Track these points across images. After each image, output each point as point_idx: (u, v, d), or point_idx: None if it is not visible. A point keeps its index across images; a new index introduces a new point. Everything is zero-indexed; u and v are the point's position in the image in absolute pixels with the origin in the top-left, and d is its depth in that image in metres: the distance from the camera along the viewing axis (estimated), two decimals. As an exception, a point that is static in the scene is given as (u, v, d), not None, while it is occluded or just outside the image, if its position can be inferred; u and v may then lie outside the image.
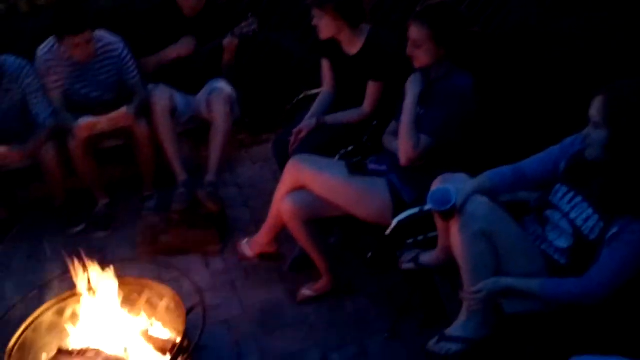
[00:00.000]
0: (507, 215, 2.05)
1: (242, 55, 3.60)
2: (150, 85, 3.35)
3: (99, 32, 3.17)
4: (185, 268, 2.92)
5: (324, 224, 2.70)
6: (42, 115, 3.13)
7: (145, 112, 3.26)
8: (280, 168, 2.85)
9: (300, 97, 3.34)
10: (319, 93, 3.12)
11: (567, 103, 2.44)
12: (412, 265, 2.38)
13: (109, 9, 3.53)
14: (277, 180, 2.80)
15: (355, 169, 2.59)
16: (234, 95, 3.44)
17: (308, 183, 2.60)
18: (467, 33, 2.43)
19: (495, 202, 2.05)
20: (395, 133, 2.59)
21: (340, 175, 2.56)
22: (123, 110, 3.11)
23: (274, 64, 4.08)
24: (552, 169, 2.08)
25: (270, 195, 2.78)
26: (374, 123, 2.91)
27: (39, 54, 3.15)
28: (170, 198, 3.28)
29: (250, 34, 3.28)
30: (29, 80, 3.10)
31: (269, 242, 2.87)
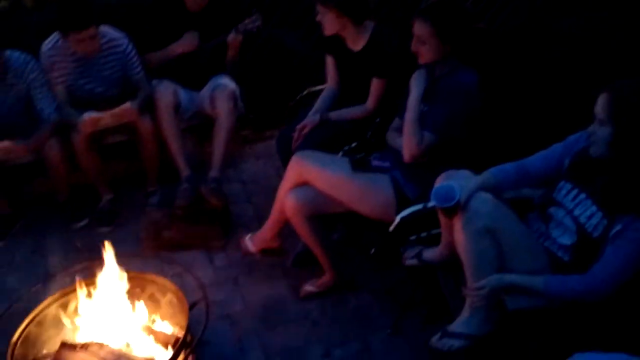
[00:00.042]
0: (510, 212, 2.04)
1: (245, 52, 3.60)
2: (154, 81, 3.35)
3: (104, 27, 3.17)
4: (189, 263, 2.93)
5: (327, 220, 2.70)
6: (46, 111, 3.14)
7: (149, 107, 3.26)
8: (284, 164, 2.85)
9: (304, 93, 3.34)
10: (323, 89, 3.12)
11: (571, 100, 2.43)
12: (415, 262, 2.39)
13: (114, 5, 3.53)
14: (280, 176, 2.80)
15: (359, 166, 2.59)
16: (238, 92, 3.44)
17: (311, 179, 2.61)
18: (471, 29, 2.43)
19: (499, 199, 2.05)
20: (399, 130, 2.59)
21: (344, 172, 2.56)
22: (127, 106, 3.12)
23: (278, 61, 4.08)
24: (556, 166, 2.08)
25: (274, 191, 2.78)
26: (378, 120, 2.91)
27: (44, 49, 3.16)
28: (174, 194, 3.29)
29: (254, 31, 3.28)
30: (34, 75, 3.11)
31: (272, 237, 2.88)
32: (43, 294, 2.42)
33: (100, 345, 2.21)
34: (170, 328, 2.36)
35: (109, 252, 2.35)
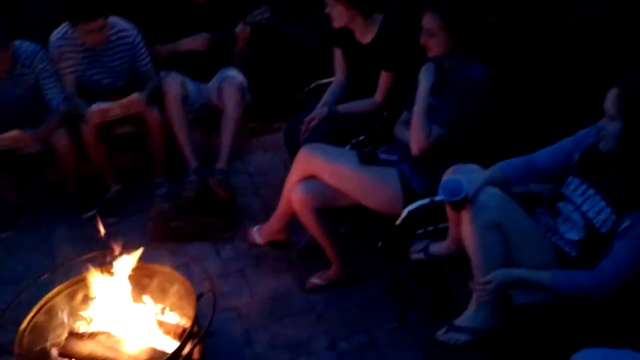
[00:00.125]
0: (518, 207, 2.04)
1: (254, 44, 3.59)
2: (162, 72, 3.35)
3: (113, 18, 3.17)
4: (196, 254, 2.93)
5: (334, 213, 2.70)
6: (55, 101, 3.15)
7: (157, 99, 3.27)
8: (291, 157, 2.86)
9: (312, 86, 3.34)
10: (330, 82, 3.11)
11: (580, 95, 2.42)
12: (422, 256, 2.39)
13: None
14: (287, 169, 2.81)
15: (366, 159, 2.59)
16: (245, 84, 3.44)
17: (319, 172, 2.60)
18: (481, 23, 2.42)
19: (507, 193, 2.05)
20: (407, 123, 2.58)
21: (351, 165, 2.56)
22: (135, 97, 3.12)
23: (286, 53, 4.07)
24: (564, 161, 2.07)
25: (281, 184, 2.79)
26: (385, 113, 2.90)
27: (53, 39, 3.16)
28: (182, 185, 3.29)
29: (263, 22, 3.27)
30: (43, 66, 3.11)
31: (279, 230, 2.88)
32: (51, 283, 2.43)
33: (108, 335, 2.23)
34: (177, 318, 2.37)
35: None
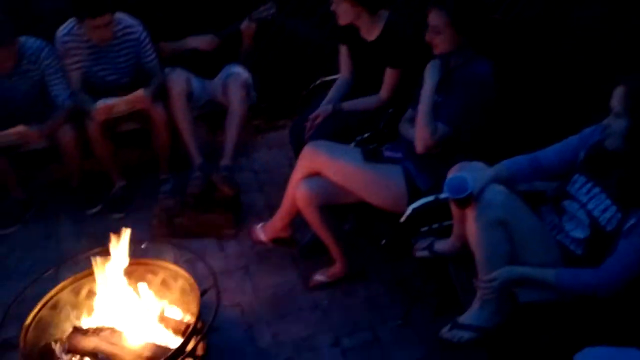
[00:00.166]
0: (523, 205, 2.03)
1: (259, 40, 3.59)
2: (167, 69, 3.35)
3: (119, 14, 3.17)
4: (200, 251, 2.92)
5: (338, 211, 2.70)
6: (60, 97, 3.16)
7: (162, 95, 3.27)
8: (296, 154, 2.85)
9: (317, 83, 3.33)
10: (336, 79, 3.11)
11: (586, 92, 2.41)
12: (426, 253, 2.38)
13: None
14: (292, 166, 2.81)
15: (371, 156, 2.59)
16: (250, 80, 3.44)
17: (323, 169, 2.60)
18: (487, 20, 2.41)
19: (512, 191, 2.04)
20: (412, 120, 2.58)
21: (356, 162, 2.56)
22: (140, 93, 3.12)
23: (291, 50, 4.07)
24: (570, 159, 2.06)
25: (285, 181, 2.78)
26: (391, 110, 2.90)
27: (59, 35, 3.16)
28: (186, 182, 3.30)
29: (269, 19, 3.27)
30: (48, 62, 3.12)
31: (283, 227, 2.88)
32: (56, 279, 2.44)
33: (112, 330, 2.23)
34: (181, 314, 2.37)
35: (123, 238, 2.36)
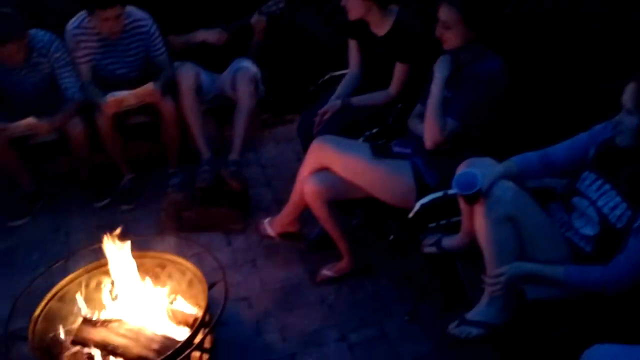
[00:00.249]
0: (533, 201, 2.03)
1: (268, 35, 3.59)
2: (177, 63, 3.36)
3: (129, 8, 3.17)
4: (207, 245, 2.93)
5: (346, 206, 2.70)
6: (70, 90, 3.17)
7: (172, 89, 3.27)
8: (304, 148, 2.85)
9: (325, 78, 3.33)
10: (344, 74, 3.10)
11: (597, 89, 2.39)
12: (434, 249, 2.38)
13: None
14: (300, 161, 2.80)
15: (380, 152, 2.58)
16: (259, 75, 3.44)
17: (331, 164, 2.60)
18: (497, 16, 2.39)
19: (522, 187, 2.03)
20: (421, 116, 2.57)
21: (364, 157, 2.55)
22: (150, 86, 3.13)
23: (300, 44, 4.06)
24: (580, 156, 2.05)
25: (293, 176, 2.78)
26: (400, 106, 2.89)
27: (69, 28, 3.17)
28: (194, 176, 3.30)
29: (278, 13, 3.27)
30: (58, 55, 3.13)
31: (291, 222, 2.88)
32: (65, 271, 2.46)
33: (120, 322, 2.24)
34: (189, 307, 2.38)
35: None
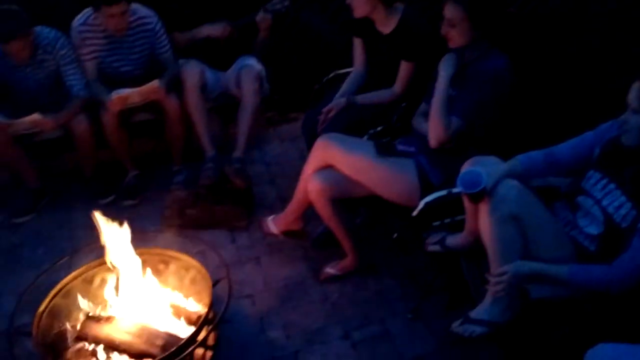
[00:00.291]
0: (537, 200, 2.02)
1: (273, 33, 3.59)
2: (181, 60, 3.36)
3: (134, 5, 3.18)
4: (211, 242, 2.93)
5: (350, 204, 2.70)
6: (76, 87, 3.18)
7: (176, 87, 3.28)
8: (309, 146, 2.85)
9: (330, 76, 3.32)
10: (349, 72, 3.10)
11: (603, 87, 2.39)
12: (438, 248, 2.38)
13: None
14: (304, 159, 2.80)
15: (384, 150, 2.58)
16: (264, 73, 3.44)
17: (336, 162, 2.60)
18: (503, 14, 2.39)
19: (526, 186, 2.03)
20: (426, 114, 2.56)
21: (368, 155, 2.55)
22: (155, 84, 3.13)
23: (304, 43, 4.06)
24: (585, 155, 2.05)
25: (297, 174, 2.79)
26: (404, 104, 2.88)
27: (75, 25, 3.18)
28: (199, 173, 3.31)
29: (283, 10, 3.27)
30: (64, 52, 3.14)
31: (295, 219, 2.89)
32: (69, 267, 2.46)
33: (124, 319, 2.25)
34: (193, 304, 2.39)
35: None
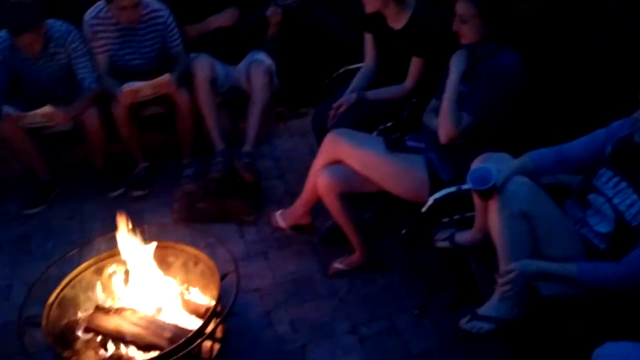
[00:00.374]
0: (547, 197, 2.02)
1: (283, 28, 3.59)
2: (192, 54, 3.37)
3: (146, -2, 3.20)
4: (220, 236, 2.93)
5: (359, 199, 2.69)
6: (87, 80, 3.19)
7: (187, 81, 3.29)
8: (318, 141, 2.85)
9: (340, 71, 3.32)
10: (359, 68, 3.09)
11: (615, 85, 2.37)
12: (447, 244, 2.37)
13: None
14: (313, 154, 2.80)
15: (394, 146, 2.57)
16: (274, 67, 3.44)
17: (345, 157, 2.60)
18: (515, 10, 2.38)
19: (536, 183, 2.02)
20: (436, 111, 2.56)
21: (378, 151, 2.55)
22: (166, 77, 3.14)
23: (315, 38, 4.05)
24: (597, 153, 2.03)
25: (307, 169, 2.79)
26: (414, 100, 2.88)
27: (87, 18, 3.19)
28: (208, 167, 3.31)
29: (294, 5, 3.28)
30: (75, 45, 3.15)
31: (303, 214, 2.89)
32: (79, 259, 2.48)
33: (133, 311, 2.26)
34: (201, 297, 2.39)
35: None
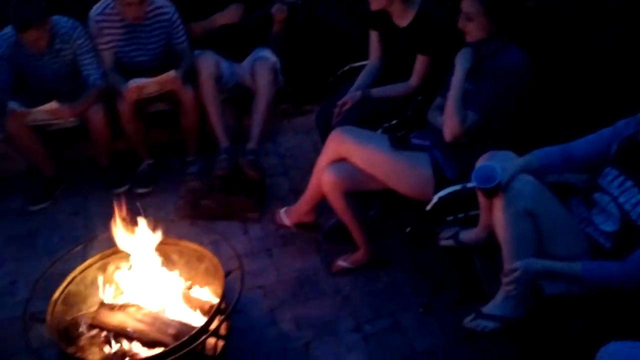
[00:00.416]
0: (552, 196, 2.01)
1: (288, 25, 3.58)
2: (197, 51, 3.37)
3: (152, -6, 3.20)
4: (224, 233, 2.94)
5: (363, 197, 2.69)
6: (92, 76, 3.19)
7: (192, 78, 3.29)
8: (323, 139, 2.85)
9: (345, 69, 3.32)
10: (364, 65, 3.09)
11: (621, 84, 2.36)
12: (451, 242, 2.37)
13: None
14: (318, 152, 2.80)
15: (398, 143, 2.57)
16: (278, 65, 3.44)
17: (350, 155, 2.60)
18: (520, 8, 2.37)
19: (542, 182, 2.01)
20: (441, 108, 2.55)
21: (383, 149, 2.54)
22: (171, 74, 3.14)
23: (320, 35, 4.05)
24: (602, 152, 2.03)
25: (311, 166, 2.79)
26: (419, 98, 2.87)
27: (92, 15, 3.20)
28: (212, 164, 3.31)
29: (299, 3, 3.27)
30: (81, 42, 3.16)
31: (307, 212, 2.89)
32: (84, 255, 2.49)
33: (138, 307, 2.27)
34: (206, 294, 2.40)
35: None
